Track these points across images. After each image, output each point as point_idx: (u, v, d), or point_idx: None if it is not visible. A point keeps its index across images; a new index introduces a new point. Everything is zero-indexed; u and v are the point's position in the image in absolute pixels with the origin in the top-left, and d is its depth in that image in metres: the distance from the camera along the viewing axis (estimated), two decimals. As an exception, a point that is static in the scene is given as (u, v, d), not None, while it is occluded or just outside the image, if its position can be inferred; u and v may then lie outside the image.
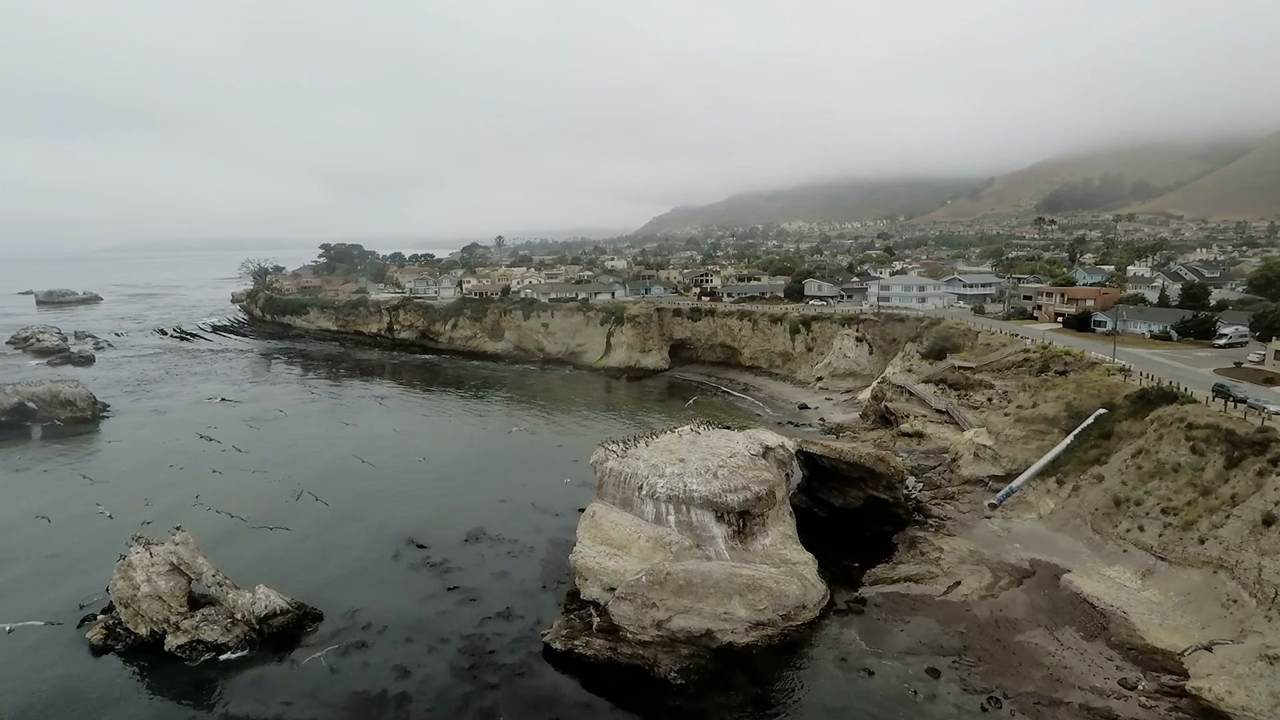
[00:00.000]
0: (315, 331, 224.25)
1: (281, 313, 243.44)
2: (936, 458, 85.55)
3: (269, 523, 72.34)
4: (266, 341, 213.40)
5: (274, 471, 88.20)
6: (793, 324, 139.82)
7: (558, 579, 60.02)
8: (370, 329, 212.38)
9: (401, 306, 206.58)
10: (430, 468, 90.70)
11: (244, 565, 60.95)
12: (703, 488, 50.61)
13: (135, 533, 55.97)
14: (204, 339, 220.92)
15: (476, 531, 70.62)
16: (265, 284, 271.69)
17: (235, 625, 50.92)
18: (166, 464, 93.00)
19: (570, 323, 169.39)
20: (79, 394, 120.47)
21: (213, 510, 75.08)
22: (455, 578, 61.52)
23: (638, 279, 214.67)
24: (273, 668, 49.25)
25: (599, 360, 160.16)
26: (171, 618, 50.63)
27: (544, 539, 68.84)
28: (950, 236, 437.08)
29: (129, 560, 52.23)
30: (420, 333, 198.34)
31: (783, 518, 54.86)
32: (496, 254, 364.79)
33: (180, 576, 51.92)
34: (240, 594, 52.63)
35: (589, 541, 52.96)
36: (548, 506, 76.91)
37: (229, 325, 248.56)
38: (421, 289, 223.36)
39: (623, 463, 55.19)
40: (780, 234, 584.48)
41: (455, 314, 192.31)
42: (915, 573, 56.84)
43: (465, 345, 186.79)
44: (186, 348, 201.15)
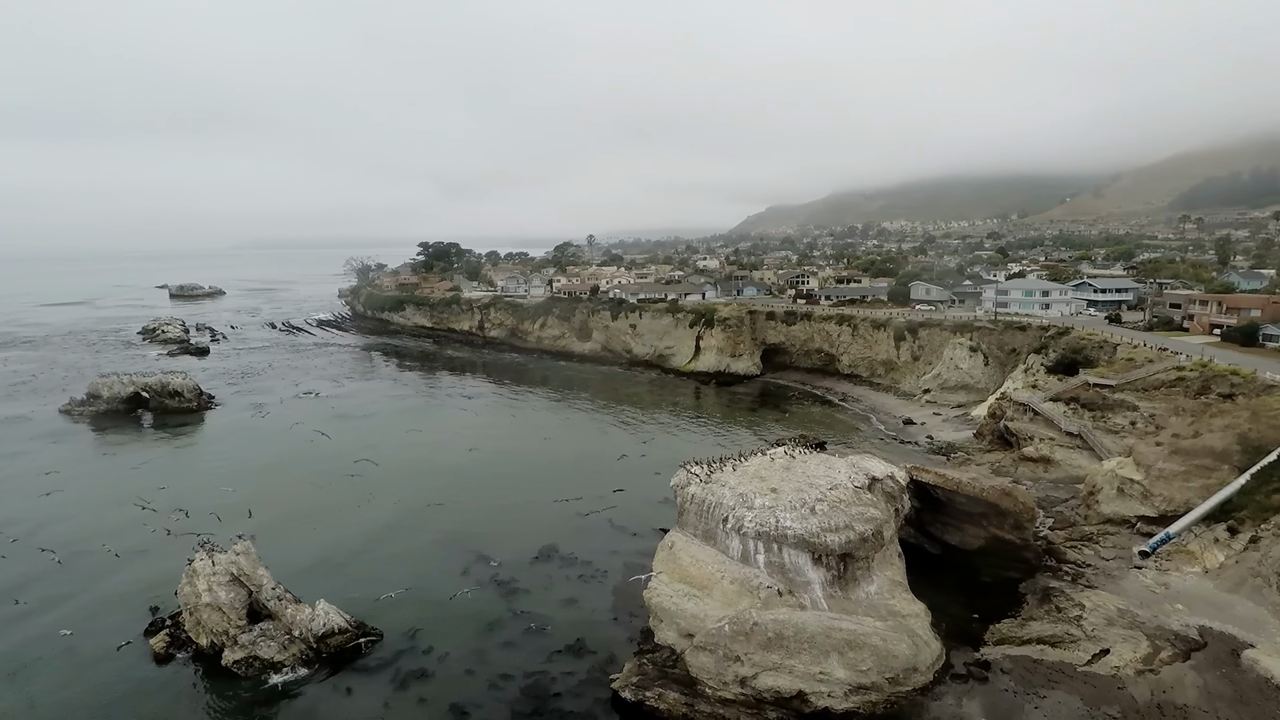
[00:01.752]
0: (411, 328, 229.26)
1: (381, 309, 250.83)
2: (1068, 489, 74.74)
3: (340, 525, 71.00)
4: (366, 337, 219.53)
5: (353, 471, 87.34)
6: (897, 330, 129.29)
7: (631, 611, 54.69)
8: (462, 326, 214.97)
9: (492, 305, 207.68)
10: (509, 474, 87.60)
11: (307, 572, 59.22)
12: (798, 525, 43.90)
13: (202, 537, 54.68)
14: (309, 333, 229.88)
15: (549, 549, 66.30)
16: (368, 281, 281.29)
17: (293, 643, 48.36)
18: (254, 460, 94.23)
19: (659, 324, 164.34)
20: (187, 385, 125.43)
21: (285, 511, 74.79)
22: (523, 601, 57.28)
23: (730, 279, 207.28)
24: (327, 695, 46.21)
25: (687, 364, 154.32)
26: (230, 630, 48.60)
27: (619, 563, 63.68)
28: (1070, 236, 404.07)
29: (194, 567, 50.70)
30: (509, 331, 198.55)
31: (890, 561, 47.35)
32: (588, 253, 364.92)
33: (241, 588, 49.92)
34: (300, 609, 50.12)
35: (666, 578, 47.23)
36: (626, 525, 71.82)
37: (333, 320, 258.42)
38: (512, 287, 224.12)
39: (706, 489, 49.13)
40: (881, 233, 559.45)
41: (544, 313, 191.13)
42: (1050, 633, 47.93)
43: (553, 345, 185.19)
44: (292, 341, 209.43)
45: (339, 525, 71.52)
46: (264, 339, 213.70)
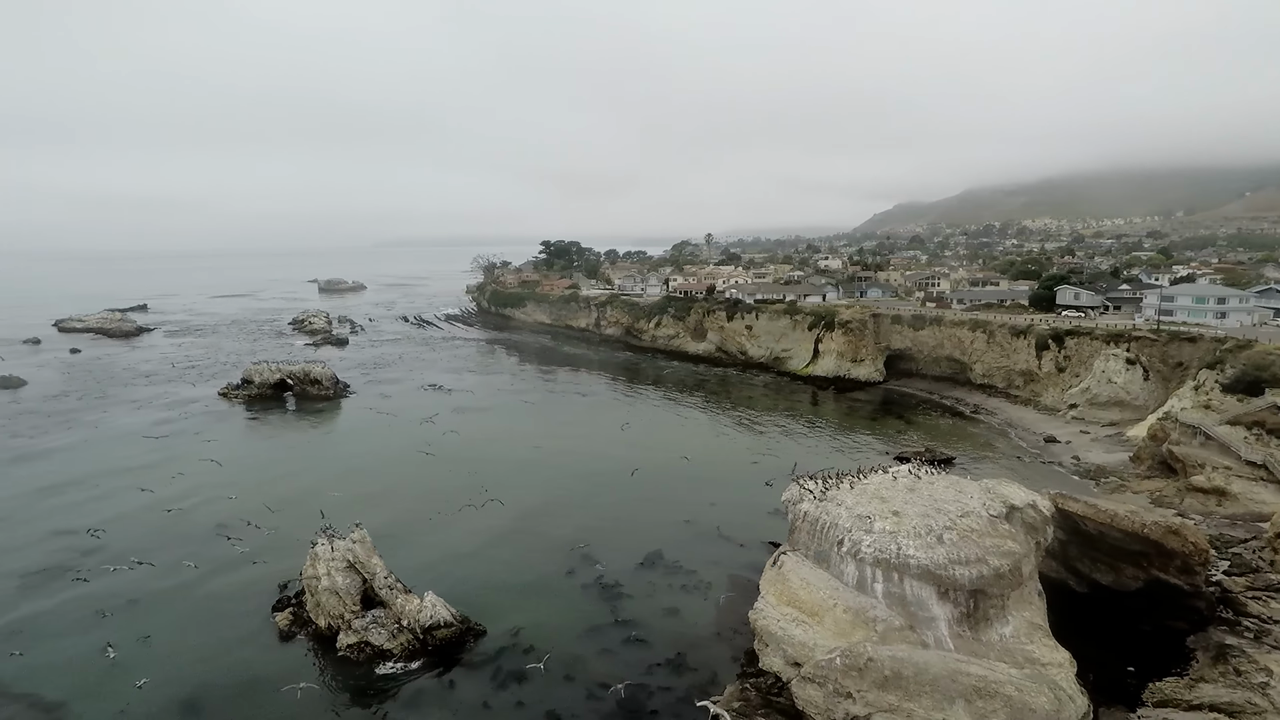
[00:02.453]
0: (531, 324, 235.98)
1: (503, 305, 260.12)
2: (1248, 527, 64.88)
3: (452, 518, 72.76)
4: (489, 331, 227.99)
5: (468, 464, 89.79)
6: (1040, 338, 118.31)
7: (735, 628, 52.23)
8: (579, 324, 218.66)
9: (609, 303, 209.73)
10: (618, 473, 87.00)
11: (417, 563, 60.76)
12: (922, 554, 39.88)
13: (325, 522, 57.22)
14: (437, 327, 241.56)
15: (654, 555, 64.88)
16: (492, 278, 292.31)
17: (401, 632, 49.56)
18: (376, 449, 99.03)
19: (776, 326, 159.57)
20: (325, 374, 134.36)
21: (400, 501, 77.65)
22: (626, 608, 56.12)
23: (853, 280, 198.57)
24: (431, 687, 46.92)
25: (804, 368, 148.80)
26: (345, 615, 50.50)
27: (725, 575, 61.31)
28: (1250, 236, 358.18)
29: (315, 551, 53.10)
30: (624, 329, 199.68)
31: (1029, 600, 42.21)
32: (705, 252, 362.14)
33: (356, 575, 51.77)
34: (409, 600, 51.35)
35: (773, 599, 44.46)
36: (734, 534, 69.22)
37: (459, 315, 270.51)
38: (629, 286, 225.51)
39: (820, 508, 45.82)
40: (1021, 232, 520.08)
41: (659, 312, 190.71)
42: (1227, 700, 41.10)
43: (667, 344, 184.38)
44: (422, 335, 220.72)
45: (451, 517, 73.36)
46: (396, 332, 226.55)
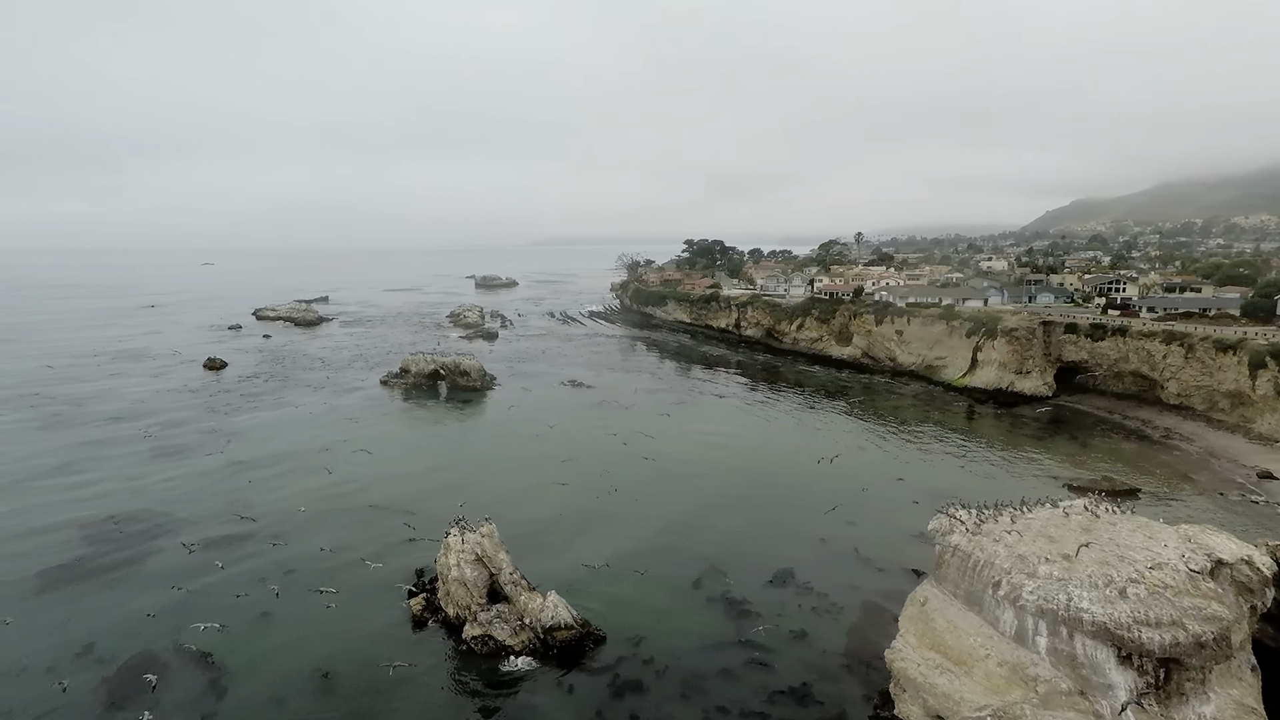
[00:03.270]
0: (671, 323, 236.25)
1: (645, 303, 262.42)
2: None
3: (580, 517, 72.99)
4: (630, 329, 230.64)
5: (599, 461, 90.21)
6: (1255, 354, 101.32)
7: (867, 661, 47.99)
8: (719, 324, 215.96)
9: (750, 303, 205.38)
10: (752, 481, 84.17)
11: (542, 561, 61.18)
12: (1100, 609, 34.04)
13: (459, 513, 58.85)
14: (581, 324, 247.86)
15: (785, 573, 61.46)
16: (635, 276, 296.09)
17: (522, 630, 49.85)
18: (514, 442, 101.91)
19: (929, 331, 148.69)
20: (474, 366, 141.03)
21: (530, 496, 78.89)
22: (751, 627, 53.31)
23: (1020, 284, 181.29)
24: (549, 689, 46.71)
25: (960, 378, 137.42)
26: (472, 607, 51.53)
27: (859, 601, 56.83)
28: None
29: (448, 541, 54.65)
30: (765, 331, 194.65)
31: (1239, 676, 35.03)
32: (855, 251, 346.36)
33: (483, 568, 52.70)
34: (532, 598, 51.61)
35: (914, 639, 40.04)
36: (873, 557, 64.26)
37: (602, 312, 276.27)
38: (771, 286, 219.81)
39: (974, 543, 40.67)
40: (1229, 230, 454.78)
41: (802, 314, 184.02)
42: None
43: (809, 347, 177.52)
44: (565, 331, 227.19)
45: (579, 516, 73.72)
46: (542, 327, 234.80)
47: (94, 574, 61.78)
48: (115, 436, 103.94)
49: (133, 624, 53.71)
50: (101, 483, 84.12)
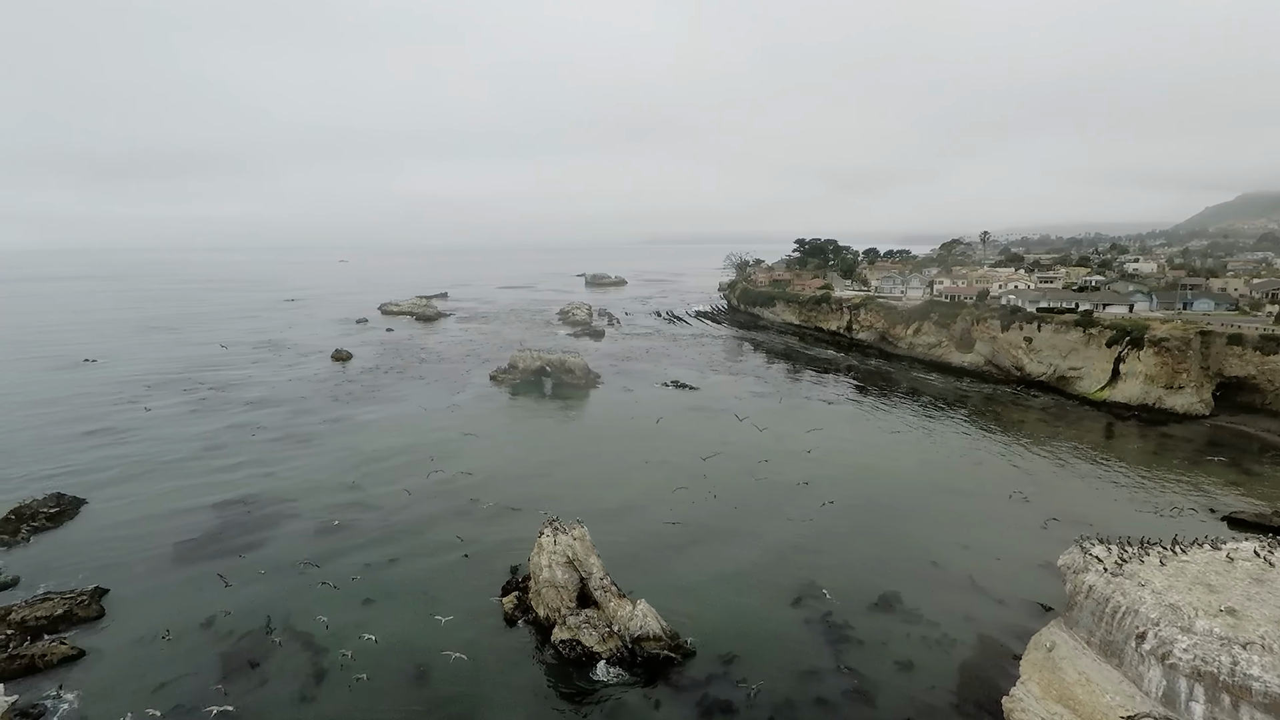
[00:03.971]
0: (779, 324, 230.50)
1: (752, 304, 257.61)
2: None
3: (675, 523, 71.32)
4: (737, 330, 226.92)
5: (696, 465, 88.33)
6: None
7: (980, 703, 43.61)
8: (829, 326, 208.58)
9: (863, 305, 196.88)
10: (859, 494, 79.84)
11: (634, 567, 60.08)
12: (1276, 679, 28.86)
13: (552, 515, 58.74)
14: (686, 323, 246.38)
15: (891, 597, 57.45)
16: (744, 276, 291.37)
17: (610, 638, 48.90)
18: (613, 443, 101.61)
19: (1063, 339, 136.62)
20: (578, 364, 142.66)
21: (625, 499, 77.98)
22: (852, 654, 49.98)
23: (1173, 288, 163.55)
24: (636, 703, 45.47)
25: (1098, 391, 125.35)
26: (562, 610, 51.16)
27: (974, 634, 52.05)
28: None
29: (541, 541, 54.58)
30: (879, 335, 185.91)
31: None
32: (980, 251, 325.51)
33: (574, 571, 52.22)
34: (621, 605, 50.57)
35: (1037, 689, 35.75)
36: (990, 586, 58.93)
37: (709, 312, 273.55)
38: (887, 288, 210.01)
39: (1114, 585, 35.78)
40: None
41: (920, 317, 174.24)
42: None
43: (926, 354, 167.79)
44: (671, 331, 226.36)
45: (674, 522, 72.17)
46: (648, 326, 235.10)
47: (223, 551, 66.31)
48: (252, 421, 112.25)
49: (250, 601, 57.06)
50: (238, 465, 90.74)
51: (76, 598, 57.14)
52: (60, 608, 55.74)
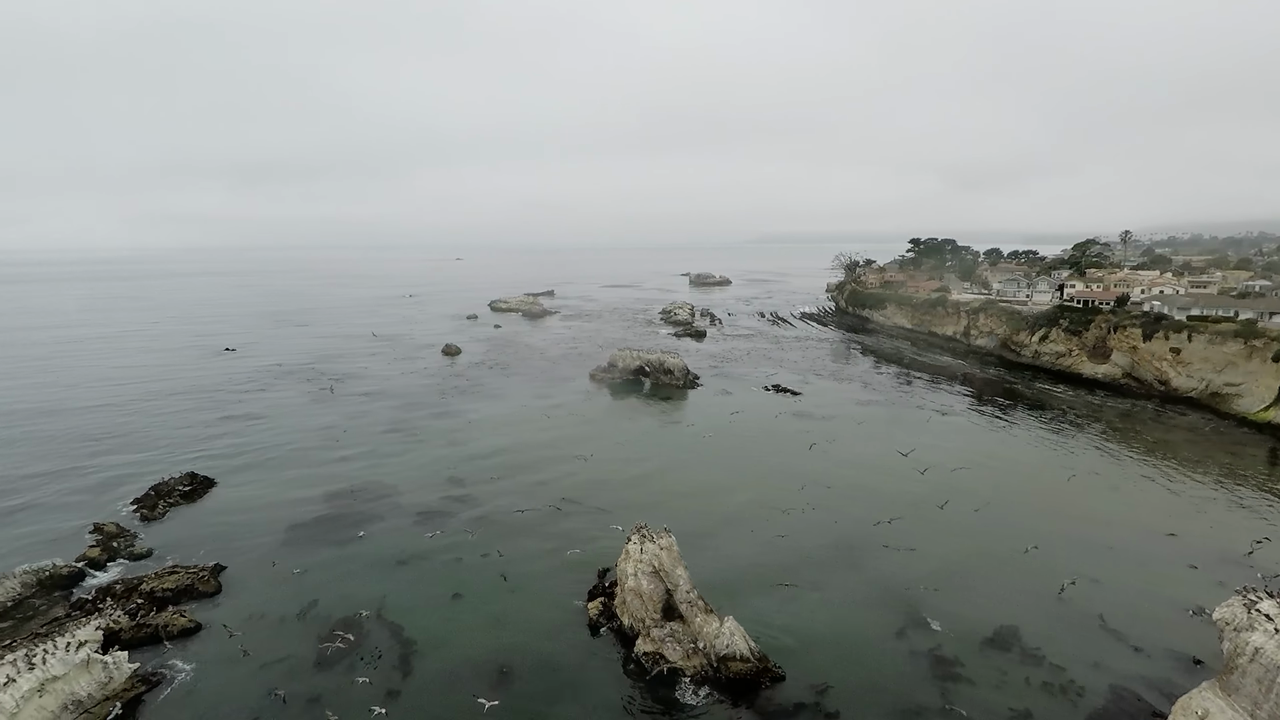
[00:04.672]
0: (890, 328, 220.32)
1: (861, 306, 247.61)
2: None
3: (772, 536, 68.33)
4: (844, 333, 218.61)
5: (798, 475, 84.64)
6: None
7: (1118, 770, 38.48)
8: (945, 331, 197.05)
9: (983, 310, 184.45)
10: (974, 514, 73.89)
11: (723, 581, 57.73)
12: None
13: (641, 521, 57.29)
14: (791, 325, 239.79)
15: (1008, 632, 52.28)
16: (853, 277, 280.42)
17: (695, 654, 46.89)
18: (708, 447, 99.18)
19: (1218, 351, 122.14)
20: (677, 365, 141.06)
21: (719, 508, 75.40)
22: (961, 695, 45.58)
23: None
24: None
25: (1261, 411, 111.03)
26: (646, 621, 49.61)
27: (1105, 685, 46.27)
28: None
29: (628, 548, 53.30)
30: (1000, 341, 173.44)
31: None
32: (1120, 252, 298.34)
33: (659, 582, 50.53)
34: (708, 620, 48.42)
35: (1186, 763, 30.78)
36: (1126, 630, 52.48)
37: (815, 314, 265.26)
38: (1010, 291, 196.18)
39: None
40: None
41: (1047, 324, 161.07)
42: None
43: (1053, 363, 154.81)
44: (774, 332, 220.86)
45: (770, 535, 69.19)
46: (750, 328, 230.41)
47: (329, 538, 69.21)
48: (365, 413, 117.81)
49: (348, 588, 59.03)
50: (349, 456, 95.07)
51: (199, 573, 61.05)
52: (184, 581, 59.69)
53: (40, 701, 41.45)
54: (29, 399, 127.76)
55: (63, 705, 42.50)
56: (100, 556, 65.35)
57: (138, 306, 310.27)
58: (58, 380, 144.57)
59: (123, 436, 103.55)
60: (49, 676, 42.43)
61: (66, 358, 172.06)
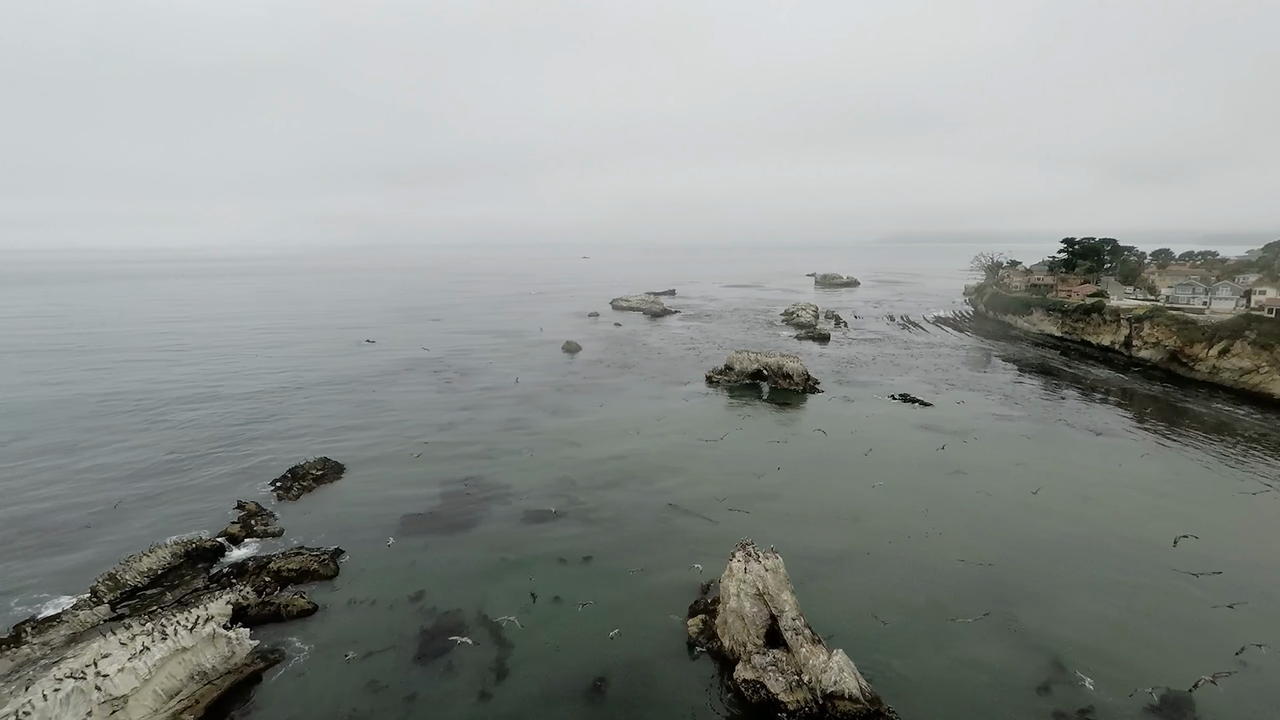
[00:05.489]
0: (1035, 335, 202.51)
1: (1004, 311, 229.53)
2: None
3: (888, 565, 62.72)
4: (982, 340, 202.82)
5: (923, 495, 78.00)
6: None
7: None
8: (1101, 340, 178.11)
9: (1148, 318, 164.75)
10: (1139, 555, 64.84)
11: (833, 611, 53.23)
12: None
13: (745, 536, 53.98)
14: (923, 329, 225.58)
15: (1181, 700, 44.71)
16: (994, 279, 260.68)
17: (799, 688, 43.13)
18: (824, 459, 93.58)
19: None
20: (796, 369, 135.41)
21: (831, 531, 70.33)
22: (1114, 767, 39.20)
23: None
24: (823, 771, 39.52)
25: None
26: (748, 645, 46.35)
27: (1314, 780, 38.25)
28: None
29: (732, 566, 50.26)
30: (1168, 354, 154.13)
31: None
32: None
33: (763, 606, 47.06)
34: (815, 652, 44.45)
35: None
36: (1337, 711, 43.44)
37: (950, 319, 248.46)
38: (1183, 297, 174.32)
39: None
40: None
41: (1230, 335, 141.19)
42: None
43: (1236, 380, 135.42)
44: (904, 337, 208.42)
45: (886, 560, 63.62)
46: (878, 331, 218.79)
47: (440, 529, 70.71)
48: (485, 405, 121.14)
49: (456, 580, 59.68)
50: (465, 449, 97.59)
51: (320, 556, 63.91)
52: (308, 564, 62.60)
53: (169, 670, 44.06)
54: (199, 382, 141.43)
55: (189, 675, 45.03)
56: (239, 533, 70.03)
57: (287, 299, 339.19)
58: (222, 369, 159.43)
59: (271, 421, 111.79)
60: (179, 647, 45.08)
61: (229, 347, 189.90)
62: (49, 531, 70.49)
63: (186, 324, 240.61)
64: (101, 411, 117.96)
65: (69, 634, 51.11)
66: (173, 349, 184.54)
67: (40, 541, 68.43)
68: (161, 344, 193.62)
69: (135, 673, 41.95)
